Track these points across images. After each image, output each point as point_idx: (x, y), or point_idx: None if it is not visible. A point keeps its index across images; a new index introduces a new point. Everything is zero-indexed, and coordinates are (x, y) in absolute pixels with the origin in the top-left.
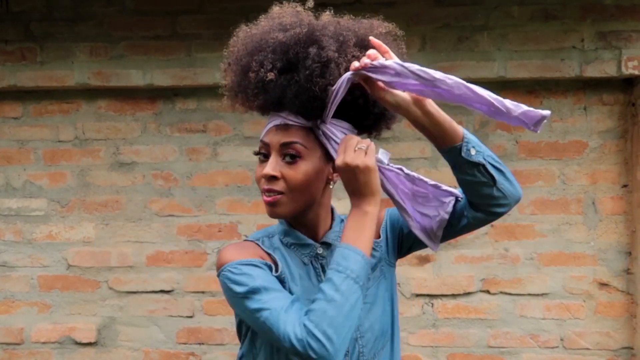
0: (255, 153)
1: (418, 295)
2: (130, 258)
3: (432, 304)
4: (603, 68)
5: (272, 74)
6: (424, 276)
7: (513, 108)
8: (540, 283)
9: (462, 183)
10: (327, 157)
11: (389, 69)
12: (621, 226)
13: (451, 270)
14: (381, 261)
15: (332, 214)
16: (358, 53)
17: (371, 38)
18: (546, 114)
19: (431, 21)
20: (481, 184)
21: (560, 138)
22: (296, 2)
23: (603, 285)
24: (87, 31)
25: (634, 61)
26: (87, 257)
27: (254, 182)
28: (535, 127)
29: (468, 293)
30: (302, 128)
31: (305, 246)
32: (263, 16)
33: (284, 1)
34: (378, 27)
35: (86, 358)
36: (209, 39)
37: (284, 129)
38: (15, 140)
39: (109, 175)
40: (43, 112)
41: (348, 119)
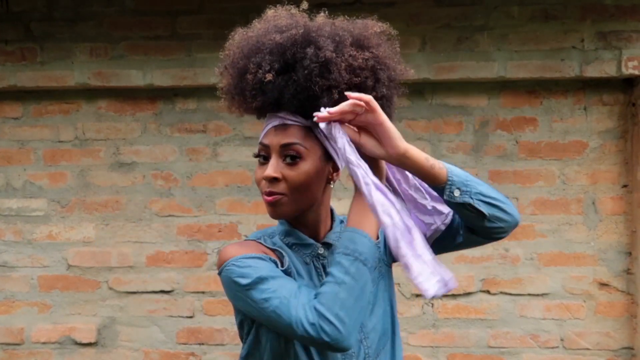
0: (255, 155)
1: (418, 295)
2: (130, 258)
3: (432, 304)
4: (603, 68)
5: (270, 75)
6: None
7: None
8: (540, 283)
9: (457, 214)
10: (327, 157)
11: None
12: (621, 226)
13: (451, 270)
14: (380, 262)
15: (332, 215)
16: (355, 52)
17: (347, 94)
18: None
19: (431, 21)
20: (472, 218)
21: (560, 138)
22: (292, 4)
23: (603, 285)
24: (87, 31)
25: (634, 61)
26: (87, 257)
27: (254, 183)
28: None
29: (468, 293)
30: (301, 128)
31: (306, 246)
32: (257, 20)
33: (281, 3)
34: (372, 27)
35: (86, 358)
36: (209, 39)
37: (283, 130)
38: (15, 140)
39: (109, 175)
40: (43, 112)
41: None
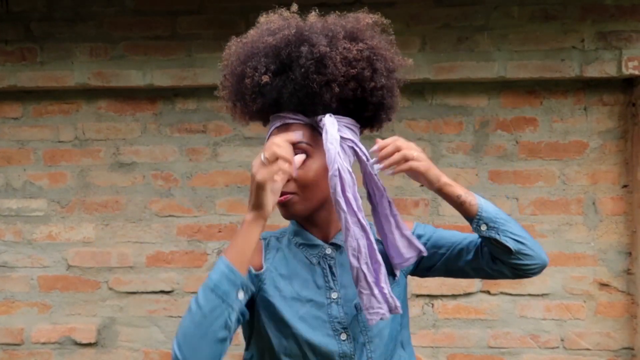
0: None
1: (418, 295)
2: (130, 258)
3: (432, 305)
4: (603, 68)
5: (267, 77)
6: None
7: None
8: (540, 283)
9: (485, 245)
10: None
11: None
12: (621, 226)
13: None
14: (395, 268)
15: None
16: (348, 45)
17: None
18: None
19: (431, 21)
20: (499, 252)
21: (560, 138)
22: (290, 6)
23: (603, 285)
24: (87, 31)
25: (634, 61)
26: (87, 258)
27: None
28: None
29: (468, 293)
30: (304, 126)
31: (313, 246)
32: (252, 28)
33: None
34: (364, 19)
35: (86, 358)
36: (209, 39)
37: (286, 129)
38: (15, 140)
39: (109, 175)
40: (43, 113)
41: (348, 113)
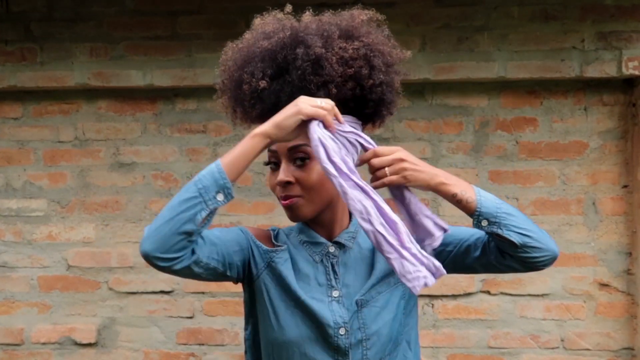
0: (265, 163)
1: (418, 295)
2: (130, 258)
3: (433, 305)
4: (603, 68)
5: (264, 82)
6: None
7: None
8: (540, 283)
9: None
10: None
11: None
12: (621, 227)
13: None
14: None
15: (351, 214)
16: (344, 44)
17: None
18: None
19: (431, 21)
20: (505, 246)
21: (560, 138)
22: (278, 9)
23: (603, 285)
24: (87, 31)
25: (634, 61)
26: (87, 258)
27: (254, 183)
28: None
29: (468, 294)
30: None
31: (317, 244)
32: (247, 31)
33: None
34: (359, 16)
35: (86, 359)
36: (209, 39)
37: None
38: (15, 140)
39: (109, 175)
40: (43, 113)
41: (349, 111)
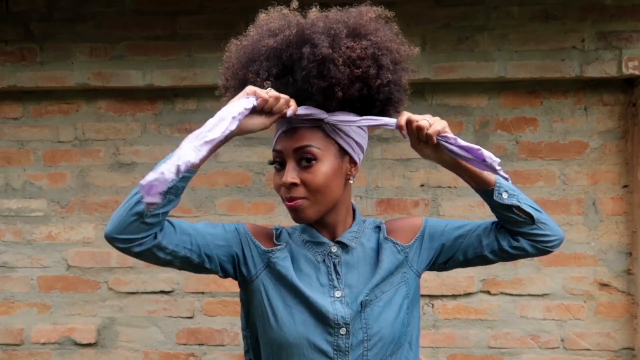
0: (270, 163)
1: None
2: (130, 259)
3: (433, 305)
4: (603, 68)
5: (269, 82)
6: (424, 276)
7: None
8: (540, 284)
9: (502, 220)
10: (342, 152)
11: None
12: (622, 227)
13: (451, 270)
14: (404, 267)
15: (354, 214)
16: (352, 43)
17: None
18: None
19: (431, 21)
20: (520, 223)
21: (560, 138)
22: (284, 5)
23: (603, 285)
24: (87, 31)
25: (635, 61)
26: (87, 258)
27: (254, 183)
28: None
29: (468, 294)
30: (310, 128)
31: (319, 244)
32: (251, 26)
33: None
34: (367, 13)
35: (86, 359)
36: (209, 39)
37: (293, 133)
38: (15, 140)
39: (109, 175)
40: (43, 113)
41: (354, 110)
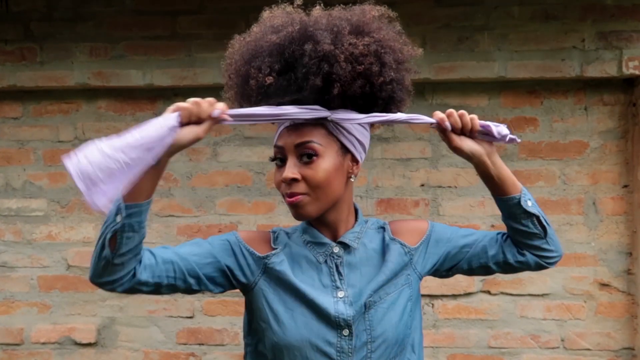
0: (271, 159)
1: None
2: None
3: (433, 305)
4: (604, 68)
5: (271, 78)
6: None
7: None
8: (540, 283)
9: (515, 232)
10: (344, 150)
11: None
12: (622, 226)
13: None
14: (408, 269)
15: (356, 214)
16: (354, 40)
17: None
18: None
19: (431, 21)
20: (533, 235)
21: (560, 138)
22: (287, 3)
23: (604, 285)
24: (87, 31)
25: (635, 61)
26: (87, 258)
27: (254, 182)
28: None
29: (468, 293)
30: (313, 124)
31: (320, 245)
32: (255, 24)
33: (280, 2)
34: (370, 11)
35: (86, 358)
36: (209, 39)
37: (295, 129)
38: (15, 140)
39: None
40: (43, 112)
41: (357, 108)
